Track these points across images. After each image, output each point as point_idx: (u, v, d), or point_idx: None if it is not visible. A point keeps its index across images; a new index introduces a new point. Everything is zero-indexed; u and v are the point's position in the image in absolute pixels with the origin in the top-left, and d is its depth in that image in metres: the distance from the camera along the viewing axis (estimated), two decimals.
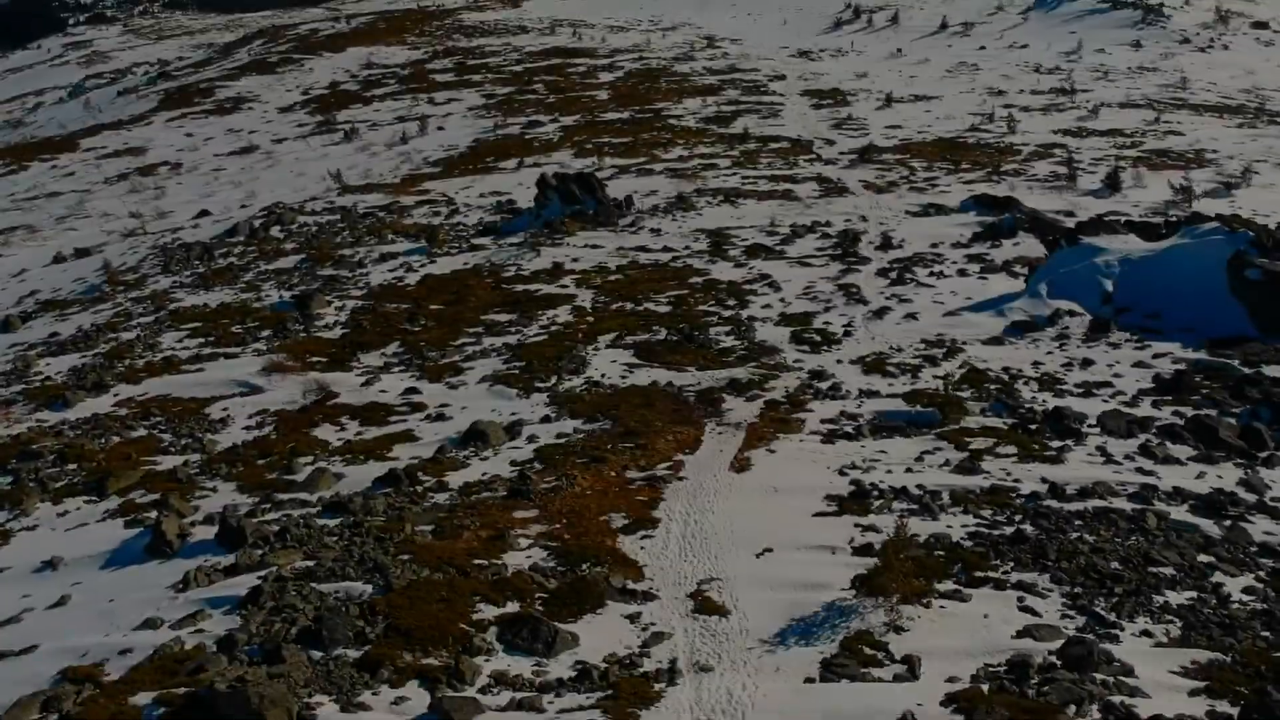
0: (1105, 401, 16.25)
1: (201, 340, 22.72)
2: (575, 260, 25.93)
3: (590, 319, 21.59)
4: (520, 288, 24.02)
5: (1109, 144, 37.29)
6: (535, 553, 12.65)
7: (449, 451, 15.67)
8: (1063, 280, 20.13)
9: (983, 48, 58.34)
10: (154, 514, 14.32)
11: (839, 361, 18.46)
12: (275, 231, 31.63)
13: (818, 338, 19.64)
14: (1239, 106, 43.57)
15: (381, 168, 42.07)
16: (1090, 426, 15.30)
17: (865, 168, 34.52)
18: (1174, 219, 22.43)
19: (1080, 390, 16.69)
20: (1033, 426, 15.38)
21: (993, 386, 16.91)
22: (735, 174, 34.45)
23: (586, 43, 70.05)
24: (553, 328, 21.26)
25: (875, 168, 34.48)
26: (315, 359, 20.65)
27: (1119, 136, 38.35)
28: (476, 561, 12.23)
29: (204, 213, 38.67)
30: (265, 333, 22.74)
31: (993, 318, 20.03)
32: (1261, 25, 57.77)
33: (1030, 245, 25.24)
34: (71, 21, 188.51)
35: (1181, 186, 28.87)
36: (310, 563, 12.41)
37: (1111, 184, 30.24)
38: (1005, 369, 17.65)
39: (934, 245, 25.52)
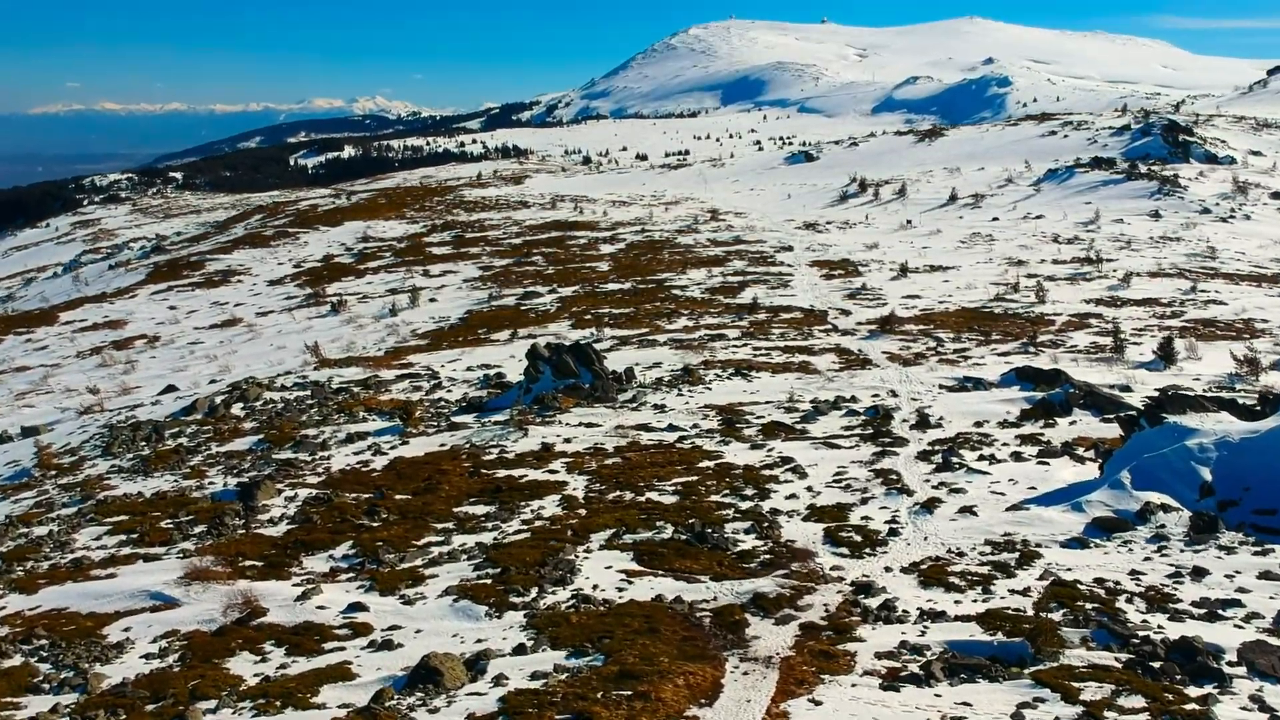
0: (1239, 627, 12.61)
1: (123, 538, 19.18)
2: (567, 441, 22.65)
3: (582, 512, 18.12)
4: (502, 473, 20.65)
5: (1148, 314, 34.70)
6: None
7: (390, 698, 11.94)
8: (1149, 468, 16.74)
9: (995, 219, 56.82)
10: None
11: (888, 569, 14.87)
12: (237, 409, 28.50)
13: (858, 537, 16.10)
14: (1275, 275, 41.19)
15: (366, 340, 39.43)
16: (1232, 665, 11.62)
17: (887, 338, 31.74)
18: (1271, 394, 19.19)
19: (1202, 612, 13.04)
20: (1155, 665, 11.69)
21: (1089, 605, 13.28)
22: (745, 345, 31.64)
23: (588, 216, 69.03)
24: (537, 523, 17.76)
25: (898, 338, 31.70)
26: (249, 563, 17.09)
27: (1156, 306, 35.78)
28: None
29: (170, 388, 35.75)
30: (199, 528, 19.22)
31: (1068, 513, 16.54)
32: None
33: (1090, 424, 22.06)
34: (86, 202, 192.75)
35: (1246, 358, 25.90)
36: None
37: (1165, 355, 27.25)
38: (1098, 580, 14.05)
39: (978, 424, 22.33)
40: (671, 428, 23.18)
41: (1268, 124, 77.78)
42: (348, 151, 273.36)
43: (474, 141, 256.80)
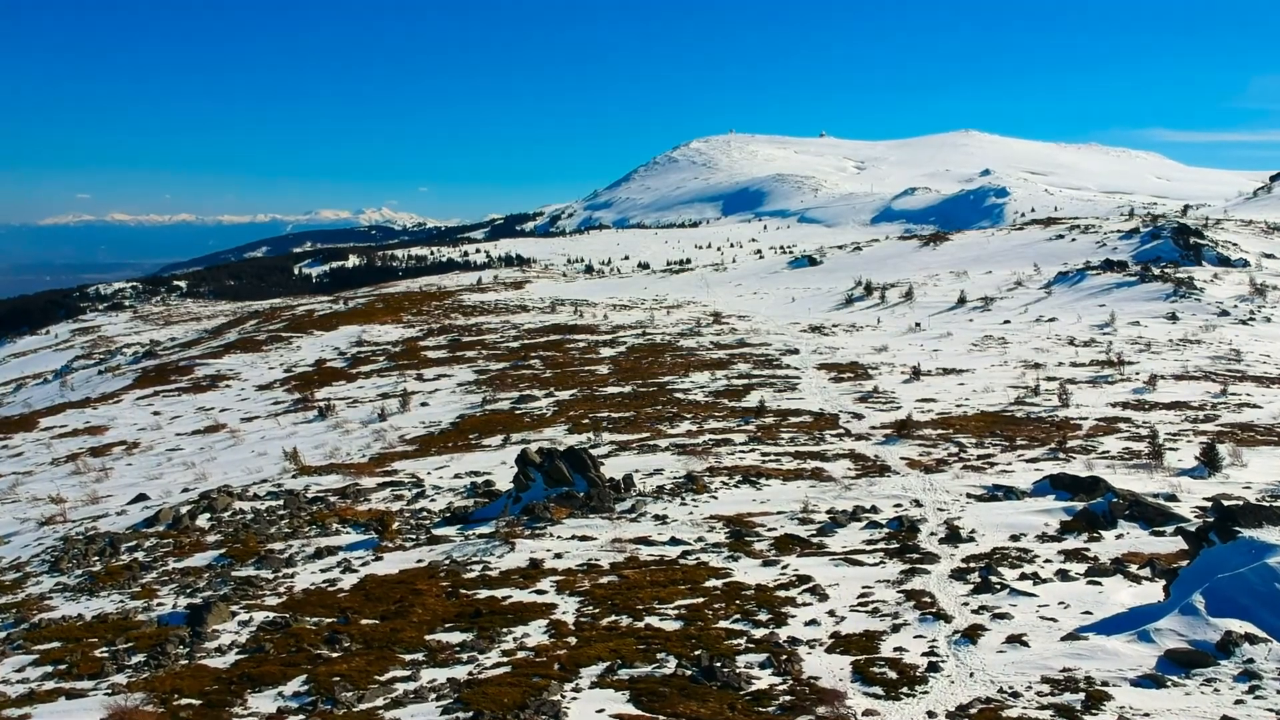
0: None
1: (49, 669, 16.82)
2: (558, 556, 20.39)
3: (572, 640, 15.80)
4: (483, 594, 18.36)
5: (1179, 418, 32.64)
6: None
7: None
8: (1226, 590, 14.48)
9: (1007, 321, 55.20)
10: None
11: (931, 715, 12.54)
12: (203, 520, 26.31)
13: (892, 673, 13.78)
14: None
15: (351, 446, 37.35)
16: None
17: (905, 443, 29.65)
18: None
19: None
20: None
21: None
22: (753, 450, 29.54)
23: (588, 320, 67.59)
24: (520, 654, 15.44)
25: (917, 443, 29.61)
26: (184, 701, 14.72)
27: (1187, 409, 33.76)
28: None
29: (141, 497, 33.55)
30: (137, 658, 16.87)
31: (1135, 644, 14.22)
32: None
33: (1139, 538, 19.83)
34: (89, 310, 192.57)
35: None
36: None
37: (1209, 462, 25.12)
38: None
39: (1015, 538, 20.09)
40: (674, 541, 20.94)
41: (1278, 228, 76.94)
42: (352, 261, 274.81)
43: (478, 251, 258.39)
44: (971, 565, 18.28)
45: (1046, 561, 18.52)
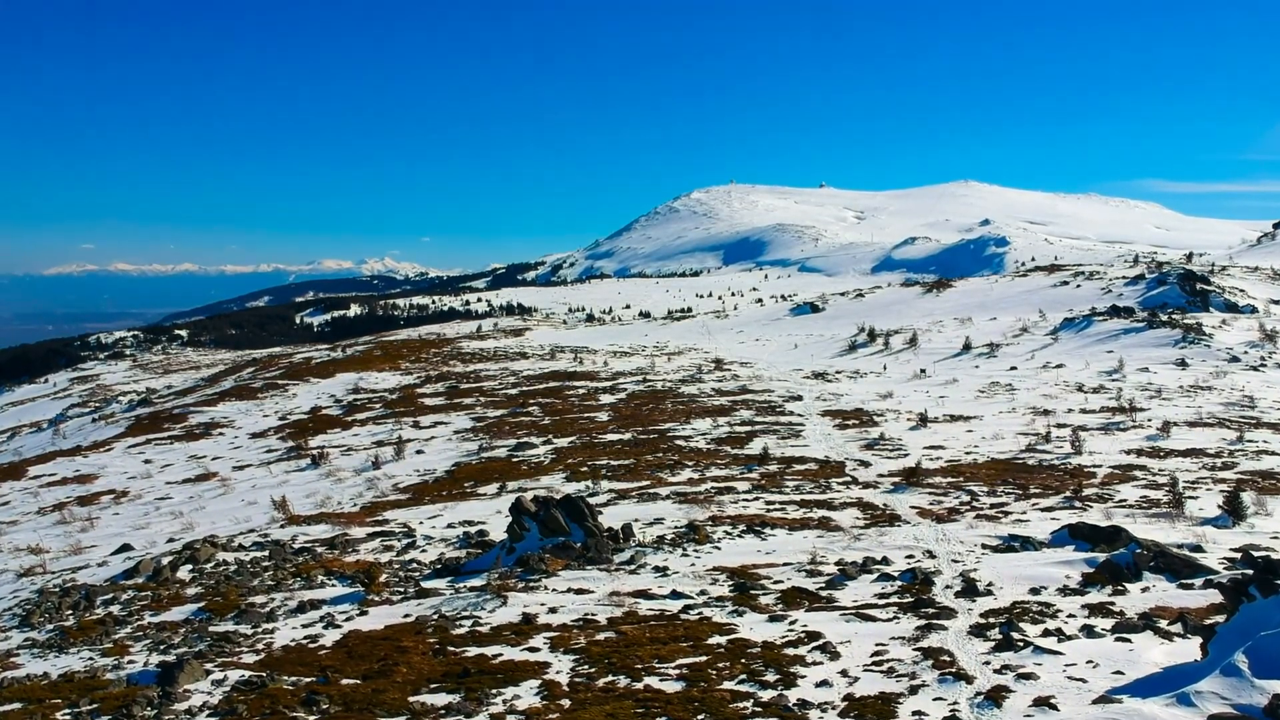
0: None
1: None
2: (553, 611, 19.31)
3: (565, 703, 14.73)
4: (473, 651, 17.27)
5: (1196, 465, 31.65)
6: None
7: None
8: (1272, 649, 13.40)
9: (1014, 368, 54.32)
10: None
11: None
12: (184, 572, 25.24)
13: None
14: None
15: (343, 495, 36.30)
16: None
17: (915, 492, 28.64)
18: None
19: None
20: None
21: None
22: (757, 498, 28.52)
23: (588, 366, 66.76)
24: (510, 717, 14.36)
25: (926, 491, 28.60)
26: None
27: (1204, 457, 32.76)
28: None
29: (125, 547, 32.44)
30: None
31: (1174, 708, 13.14)
32: None
33: (1167, 591, 18.75)
34: (89, 359, 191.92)
35: None
36: None
37: (1233, 511, 24.09)
38: None
39: (1035, 591, 19.03)
40: (675, 594, 19.88)
41: None
42: (353, 310, 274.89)
43: (479, 300, 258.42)
44: (991, 621, 17.21)
45: (1070, 616, 17.45)
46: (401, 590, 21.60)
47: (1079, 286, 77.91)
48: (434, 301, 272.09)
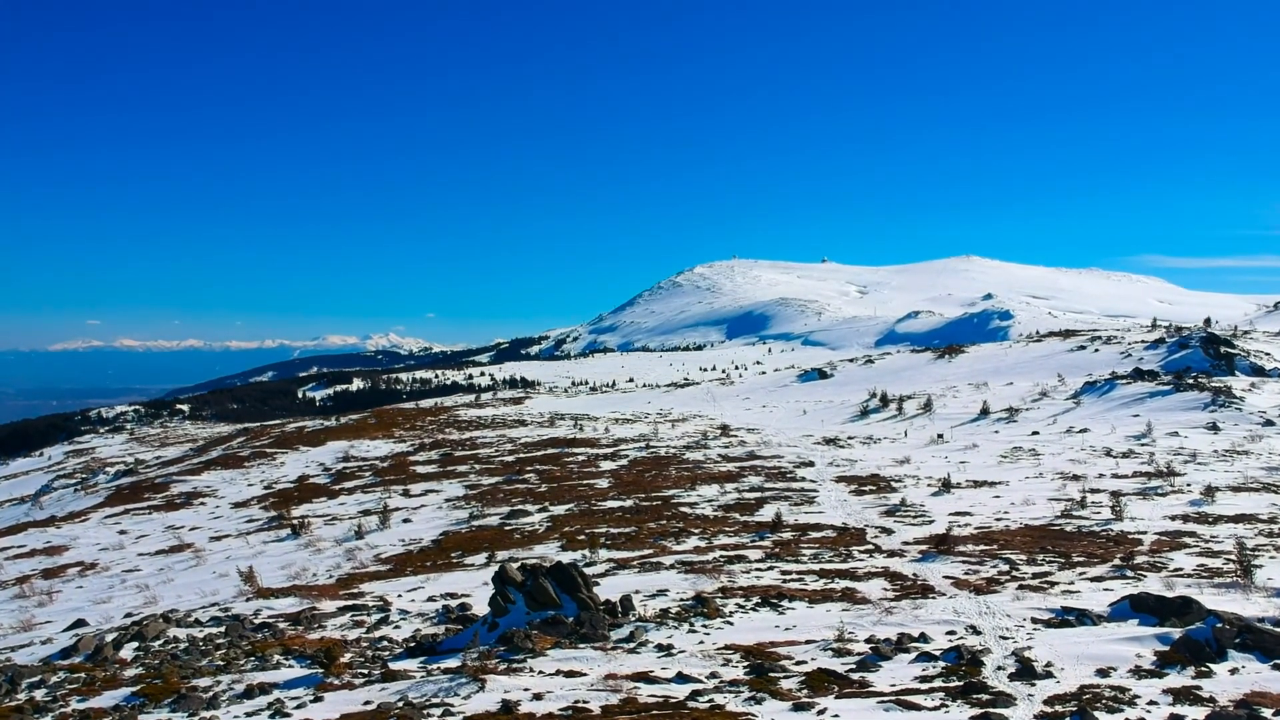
0: None
1: None
2: (538, 698, 16.48)
3: None
4: None
5: (1250, 531, 28.89)
6: None
7: None
8: None
9: (1035, 432, 51.63)
10: None
11: None
12: (128, 650, 22.42)
13: None
14: None
15: (320, 566, 33.50)
16: None
17: (946, 561, 25.87)
18: None
19: None
20: None
21: None
22: (771, 568, 25.74)
23: (588, 434, 64.10)
24: None
25: (959, 560, 25.83)
26: None
27: (1257, 522, 30.01)
28: None
29: (79, 623, 29.59)
30: None
31: None
32: None
33: (1260, 673, 15.92)
34: (89, 433, 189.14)
35: None
36: None
37: None
38: None
39: (1102, 673, 16.20)
40: (681, 678, 17.04)
41: None
42: (356, 384, 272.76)
43: (482, 374, 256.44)
44: (1059, 710, 14.41)
45: (1152, 704, 14.64)
46: (365, 672, 18.77)
47: (1097, 351, 75.45)
48: (437, 375, 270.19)
